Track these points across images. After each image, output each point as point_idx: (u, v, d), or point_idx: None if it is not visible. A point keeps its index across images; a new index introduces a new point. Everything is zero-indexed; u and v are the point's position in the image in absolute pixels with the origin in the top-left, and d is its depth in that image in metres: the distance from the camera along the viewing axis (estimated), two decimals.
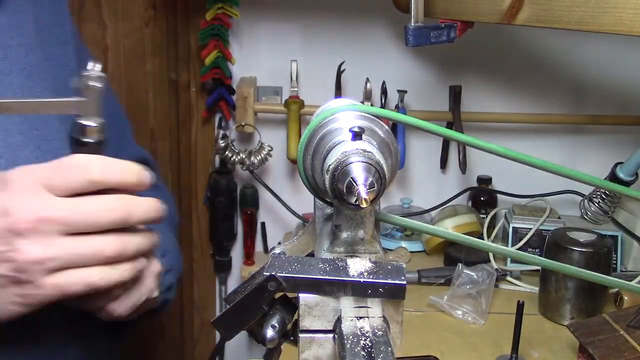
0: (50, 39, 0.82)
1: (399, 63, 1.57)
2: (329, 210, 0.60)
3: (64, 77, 0.82)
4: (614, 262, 1.36)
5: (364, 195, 0.47)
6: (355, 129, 0.50)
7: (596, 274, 0.66)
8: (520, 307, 1.01)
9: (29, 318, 0.61)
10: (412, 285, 1.31)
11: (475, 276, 1.21)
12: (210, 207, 1.66)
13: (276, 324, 0.53)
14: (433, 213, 1.56)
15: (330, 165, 0.49)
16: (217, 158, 1.63)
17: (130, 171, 0.62)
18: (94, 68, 0.60)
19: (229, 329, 0.55)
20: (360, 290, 0.50)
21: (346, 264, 0.52)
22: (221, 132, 1.59)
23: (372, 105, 1.44)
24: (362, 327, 0.50)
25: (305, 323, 0.51)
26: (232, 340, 0.92)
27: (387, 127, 0.55)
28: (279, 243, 1.33)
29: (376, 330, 0.49)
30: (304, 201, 1.60)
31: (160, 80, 1.57)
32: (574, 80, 1.57)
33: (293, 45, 1.57)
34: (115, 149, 0.93)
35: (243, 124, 1.54)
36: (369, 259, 0.53)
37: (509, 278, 1.34)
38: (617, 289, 1.20)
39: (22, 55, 0.75)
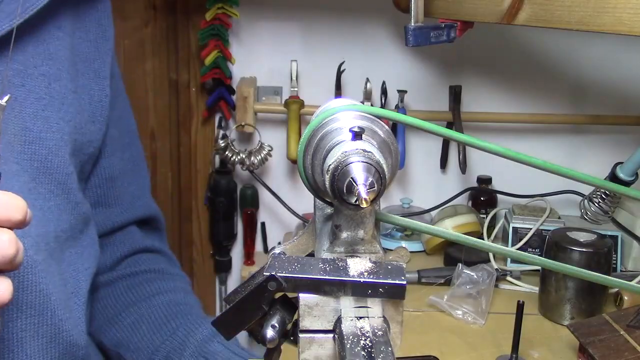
0: (87, 71, 0.81)
1: (399, 63, 1.57)
2: (329, 210, 0.60)
3: (92, 111, 0.81)
4: (614, 262, 1.36)
5: (364, 195, 0.47)
6: (355, 129, 0.50)
7: (596, 274, 0.65)
8: (520, 307, 1.01)
9: None
10: (412, 285, 1.31)
11: (475, 276, 1.21)
12: (210, 207, 1.66)
13: (276, 324, 0.53)
14: (433, 213, 1.56)
15: (330, 165, 0.49)
16: (217, 158, 1.63)
17: (16, 206, 0.53)
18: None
19: (229, 329, 0.55)
20: (360, 290, 0.50)
21: (346, 264, 0.52)
22: (221, 132, 1.59)
23: (372, 105, 1.44)
24: (362, 327, 0.50)
25: (305, 323, 0.51)
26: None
27: (387, 127, 0.54)
28: (279, 243, 1.33)
29: (376, 330, 0.49)
30: (304, 201, 1.60)
31: (160, 80, 1.58)
32: (574, 80, 1.57)
33: (293, 45, 1.57)
34: (130, 198, 0.93)
35: (243, 124, 1.54)
36: (369, 259, 0.53)
37: (509, 278, 1.34)
38: (617, 289, 1.20)
39: (43, 85, 0.74)
